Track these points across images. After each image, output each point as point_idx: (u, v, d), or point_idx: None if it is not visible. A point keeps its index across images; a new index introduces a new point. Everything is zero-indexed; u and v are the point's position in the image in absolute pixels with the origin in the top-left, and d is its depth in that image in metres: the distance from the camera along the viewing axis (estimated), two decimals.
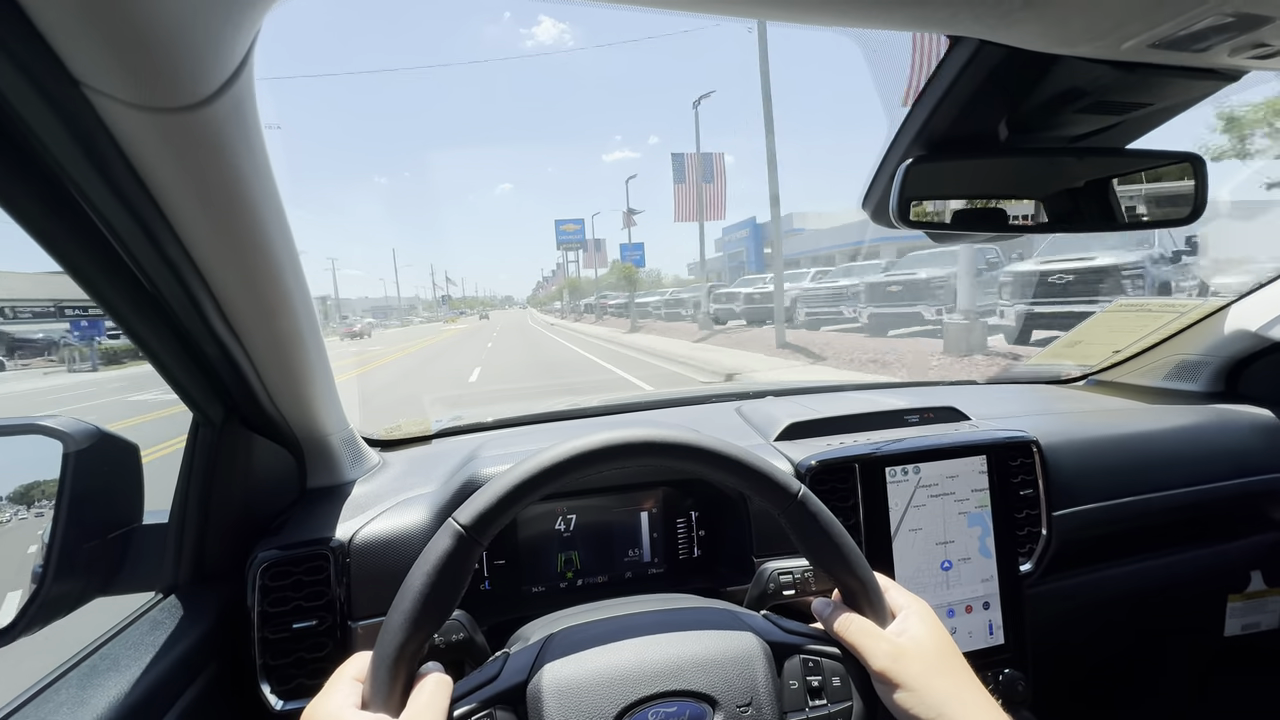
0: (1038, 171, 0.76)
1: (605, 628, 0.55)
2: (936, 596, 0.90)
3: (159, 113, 0.40)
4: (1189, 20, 0.46)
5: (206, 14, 0.37)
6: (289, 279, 0.62)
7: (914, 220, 0.70)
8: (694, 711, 0.49)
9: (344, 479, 0.92)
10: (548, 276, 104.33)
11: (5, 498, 0.63)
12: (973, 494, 0.93)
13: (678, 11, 0.45)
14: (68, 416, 0.65)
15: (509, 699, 0.49)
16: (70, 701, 0.55)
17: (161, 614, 0.69)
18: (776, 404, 1.21)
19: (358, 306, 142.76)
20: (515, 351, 17.73)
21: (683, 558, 0.94)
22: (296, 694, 0.71)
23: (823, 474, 0.89)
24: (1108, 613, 1.22)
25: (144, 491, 0.73)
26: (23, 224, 0.47)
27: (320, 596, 0.74)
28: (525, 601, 0.88)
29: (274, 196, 0.54)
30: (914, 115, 0.63)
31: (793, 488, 0.53)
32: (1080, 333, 1.83)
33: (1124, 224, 0.78)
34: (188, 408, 0.72)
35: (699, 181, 20.41)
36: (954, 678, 0.50)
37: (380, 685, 0.45)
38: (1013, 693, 0.89)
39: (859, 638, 0.52)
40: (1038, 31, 0.49)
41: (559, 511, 0.90)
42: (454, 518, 0.48)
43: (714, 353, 11.59)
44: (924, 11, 0.46)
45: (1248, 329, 1.23)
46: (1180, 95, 0.62)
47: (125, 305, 0.57)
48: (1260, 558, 1.22)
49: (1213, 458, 1.14)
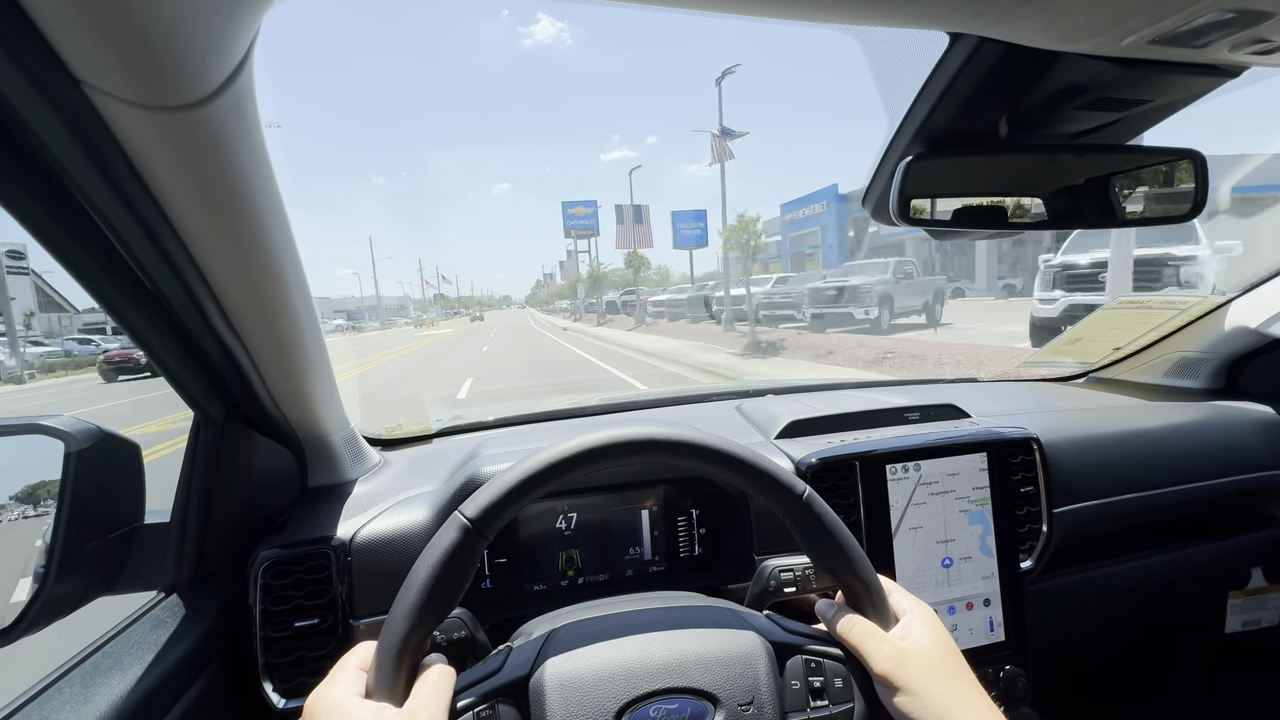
0: (1038, 168, 0.76)
1: (608, 624, 0.55)
2: (937, 594, 0.90)
3: (159, 111, 0.40)
4: (1189, 16, 0.45)
5: (207, 12, 0.37)
6: (289, 278, 0.62)
7: (914, 218, 0.70)
8: (695, 709, 0.49)
9: (345, 478, 0.92)
10: (549, 274, 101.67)
11: (12, 497, 0.63)
12: (973, 491, 0.93)
13: (678, 11, 0.45)
14: (69, 416, 0.65)
15: (512, 692, 0.49)
16: (73, 700, 0.55)
17: (163, 613, 0.69)
18: (777, 402, 1.21)
19: (330, 306, 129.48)
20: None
21: (684, 556, 0.94)
22: (298, 692, 0.71)
23: (823, 472, 0.90)
24: (1108, 609, 1.22)
25: (145, 491, 0.73)
26: (24, 223, 0.47)
27: (322, 595, 0.74)
28: (526, 600, 0.88)
29: (274, 195, 0.55)
30: (914, 112, 0.63)
31: (798, 488, 0.53)
32: (1080, 330, 1.83)
33: (1124, 220, 0.78)
34: (189, 407, 0.72)
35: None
36: (956, 682, 0.50)
37: (384, 675, 0.46)
38: (1013, 690, 0.89)
39: (861, 640, 0.52)
40: (1038, 28, 0.49)
41: (560, 510, 0.91)
42: (460, 511, 0.49)
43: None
44: (924, 8, 0.46)
45: (1248, 326, 1.23)
46: (1181, 91, 0.62)
47: (126, 304, 0.57)
48: (1261, 554, 1.22)
49: (1213, 455, 1.14)
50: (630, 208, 32.63)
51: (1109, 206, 0.77)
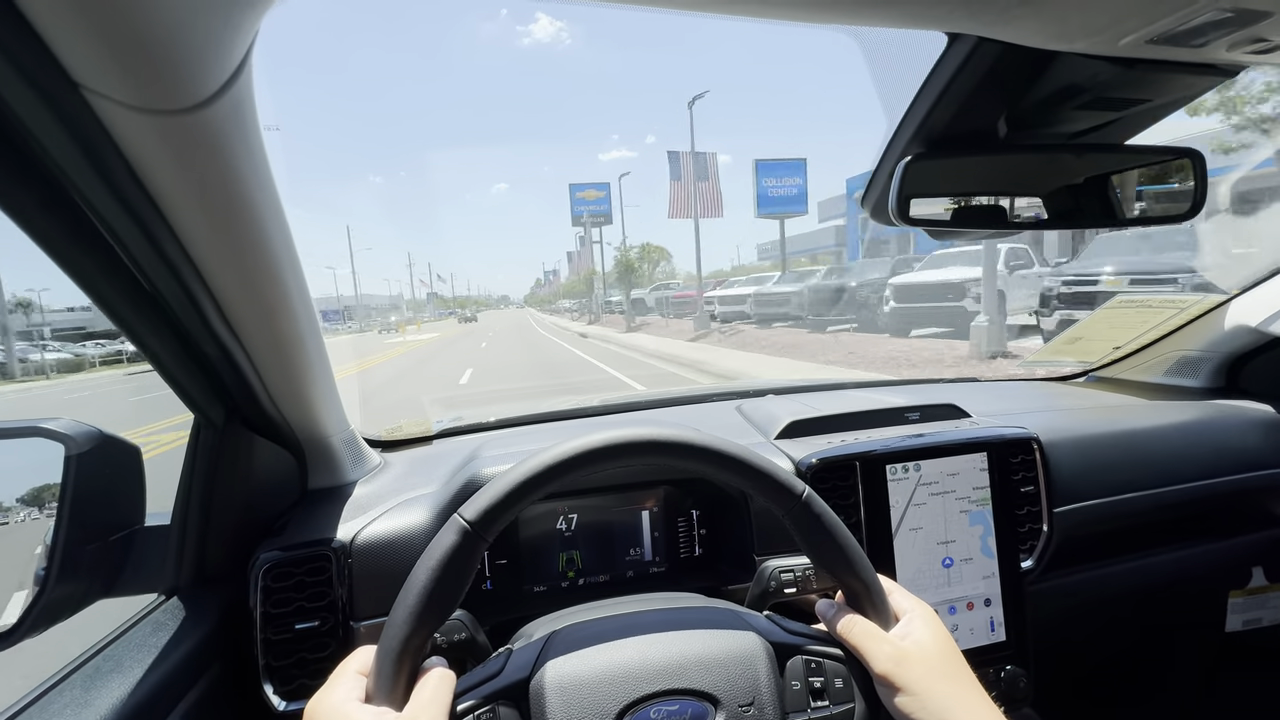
0: (1037, 168, 0.76)
1: (608, 625, 0.55)
2: (938, 593, 0.90)
3: (158, 114, 0.40)
4: (1187, 15, 0.45)
5: (205, 15, 0.37)
6: (289, 279, 0.62)
7: (913, 218, 0.70)
8: (696, 710, 0.49)
9: (345, 480, 0.92)
10: (551, 271, 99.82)
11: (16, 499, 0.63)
12: (974, 492, 0.93)
13: (677, 11, 0.45)
14: (69, 419, 0.65)
15: (512, 694, 0.49)
16: (74, 703, 0.55)
17: (164, 616, 0.69)
18: (777, 402, 1.21)
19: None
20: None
21: (684, 557, 0.94)
22: (299, 695, 0.71)
23: (824, 472, 0.89)
24: (1109, 609, 1.22)
25: (145, 493, 0.73)
26: (22, 225, 0.47)
27: (322, 597, 0.74)
28: (527, 601, 0.88)
29: (273, 197, 0.55)
30: (912, 113, 0.63)
31: (797, 488, 0.53)
32: (1081, 329, 1.82)
33: (1124, 220, 0.78)
34: (189, 409, 0.72)
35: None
36: (956, 682, 0.50)
37: (384, 679, 0.46)
38: (1014, 690, 0.89)
39: (861, 640, 0.52)
40: (1035, 28, 0.49)
41: (560, 511, 0.91)
42: (459, 513, 0.49)
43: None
44: (922, 9, 0.46)
45: (1248, 325, 1.23)
46: (1179, 91, 0.62)
47: (125, 307, 0.57)
48: (1261, 553, 1.22)
49: (1213, 454, 1.14)
50: (690, 156, 19.47)
51: (1109, 206, 0.77)
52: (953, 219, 0.75)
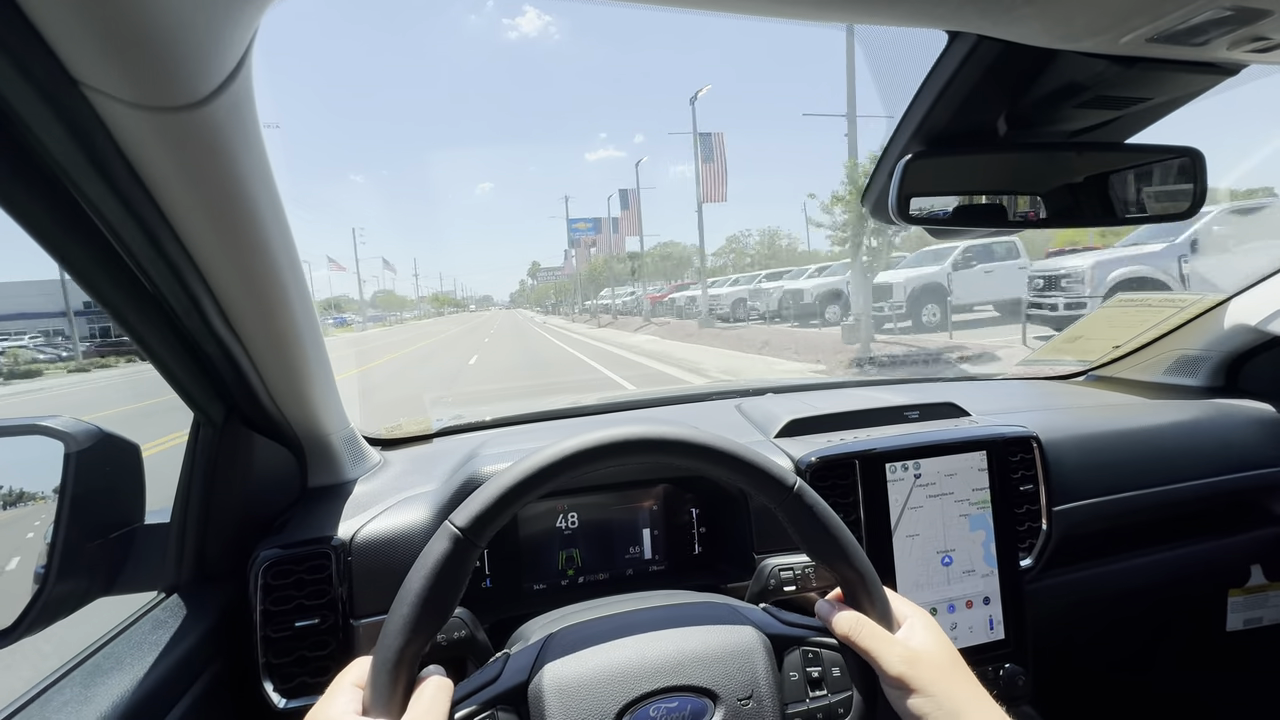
0: (1037, 166, 0.76)
1: (605, 625, 0.55)
2: (937, 592, 0.90)
3: (158, 112, 0.40)
4: (1188, 14, 0.45)
5: (205, 13, 0.37)
6: (288, 277, 0.62)
7: (914, 216, 0.70)
8: (695, 706, 0.49)
9: (345, 478, 0.92)
10: (551, 269, 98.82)
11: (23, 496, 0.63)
12: (973, 493, 0.93)
13: (677, 10, 0.45)
14: (69, 417, 0.65)
15: (510, 699, 0.49)
16: (74, 700, 0.55)
17: (164, 613, 0.69)
18: (777, 401, 1.21)
19: None
20: None
21: (684, 555, 0.94)
22: (299, 692, 0.71)
23: (823, 470, 0.90)
24: (1108, 607, 1.22)
25: (145, 491, 0.73)
26: (23, 224, 0.47)
27: (322, 595, 0.74)
28: (527, 599, 0.88)
29: (273, 195, 0.55)
30: (913, 110, 0.63)
31: (788, 481, 0.54)
32: (1080, 328, 1.83)
33: (1124, 219, 0.78)
34: (189, 407, 0.72)
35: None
36: (969, 685, 0.51)
37: (380, 690, 0.45)
38: (1013, 688, 0.89)
39: (871, 643, 0.52)
40: (1037, 27, 0.49)
41: (560, 509, 0.91)
42: (450, 520, 0.48)
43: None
44: (922, 7, 0.46)
45: (1247, 324, 1.23)
46: (1179, 90, 0.62)
47: (125, 305, 0.57)
48: (1261, 552, 1.22)
49: (1213, 453, 1.14)
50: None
51: (1108, 204, 0.77)
52: (952, 217, 0.75)
